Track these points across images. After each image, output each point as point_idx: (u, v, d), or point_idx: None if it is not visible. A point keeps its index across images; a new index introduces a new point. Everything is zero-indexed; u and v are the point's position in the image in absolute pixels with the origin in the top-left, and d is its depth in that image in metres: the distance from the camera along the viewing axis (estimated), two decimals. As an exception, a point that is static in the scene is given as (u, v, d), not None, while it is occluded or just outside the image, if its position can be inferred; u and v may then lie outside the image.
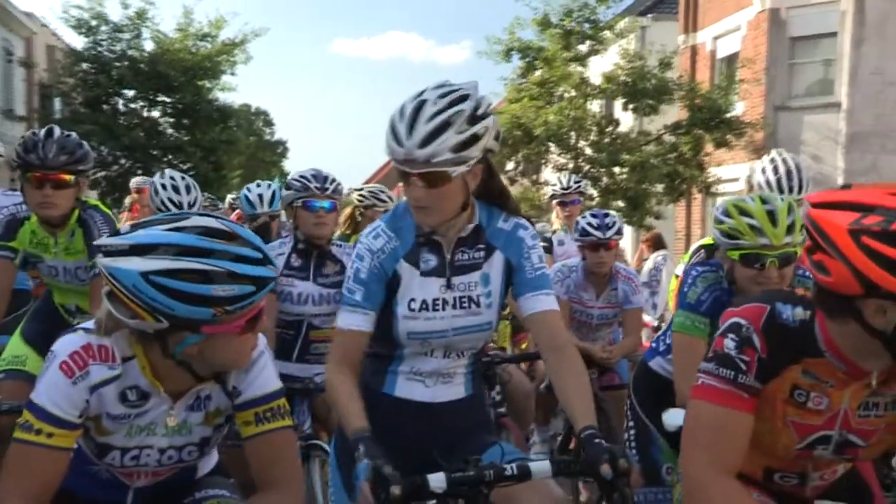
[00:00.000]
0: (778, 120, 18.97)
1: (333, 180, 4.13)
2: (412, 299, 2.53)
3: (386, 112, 2.45)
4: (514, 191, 21.26)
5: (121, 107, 24.56)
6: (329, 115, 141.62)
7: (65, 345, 2.04)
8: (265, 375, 2.19)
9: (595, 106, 21.67)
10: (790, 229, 2.99)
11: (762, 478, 2.30)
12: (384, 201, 6.30)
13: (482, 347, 2.78)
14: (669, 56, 20.15)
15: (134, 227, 1.98)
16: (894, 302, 1.77)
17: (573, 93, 20.22)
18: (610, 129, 20.73)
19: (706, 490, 1.99)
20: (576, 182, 6.97)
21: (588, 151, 20.47)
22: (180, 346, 1.98)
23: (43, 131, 3.64)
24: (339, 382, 2.44)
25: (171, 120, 25.10)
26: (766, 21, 19.15)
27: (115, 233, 3.79)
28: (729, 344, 2.02)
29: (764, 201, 3.06)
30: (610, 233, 5.00)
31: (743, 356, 2.00)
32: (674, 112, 20.49)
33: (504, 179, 11.80)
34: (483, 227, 2.59)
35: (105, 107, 23.68)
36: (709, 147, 19.78)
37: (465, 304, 2.56)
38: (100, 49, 23.71)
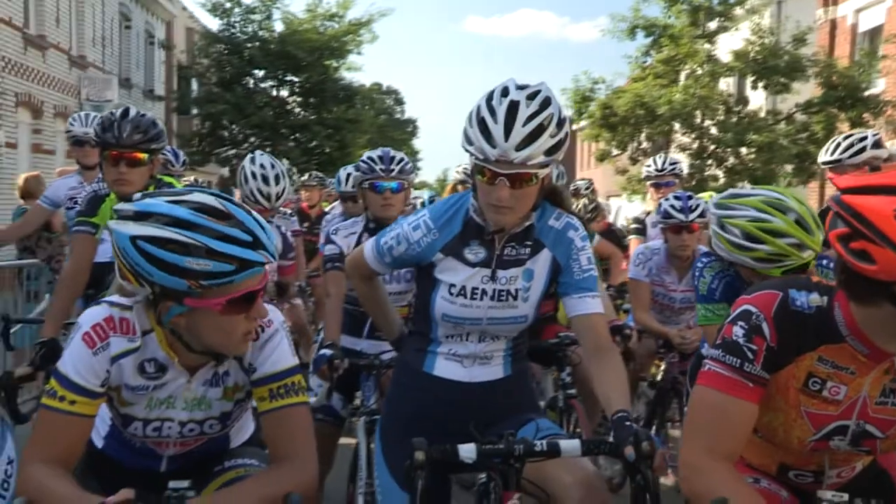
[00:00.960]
0: (923, 98, 17.76)
1: (401, 160, 4.14)
2: (453, 285, 2.60)
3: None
4: (635, 171, 20.87)
5: (251, 86, 25.51)
6: (459, 93, 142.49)
7: (89, 317, 2.13)
8: (279, 352, 2.23)
9: (726, 84, 20.93)
10: (819, 226, 2.89)
11: (776, 473, 2.22)
12: None
13: (522, 333, 2.78)
14: (804, 31, 19.18)
15: (144, 196, 2.07)
16: None
17: (700, 70, 19.58)
18: (738, 108, 19.97)
19: (701, 476, 1.94)
20: (671, 164, 6.75)
21: (713, 131, 19.80)
22: (167, 316, 2.05)
23: (119, 111, 3.79)
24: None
25: (299, 99, 25.90)
26: (913, -9, 17.93)
27: None
28: (738, 331, 1.95)
29: (783, 210, 2.90)
30: (693, 216, 4.84)
31: (751, 344, 1.93)
32: (810, 90, 19.52)
33: (626, 159, 11.72)
34: (534, 224, 2.62)
35: (237, 87, 24.63)
36: (844, 126, 18.73)
37: (504, 297, 2.60)
38: (233, 31, 24.74)
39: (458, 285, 2.59)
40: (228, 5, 24.45)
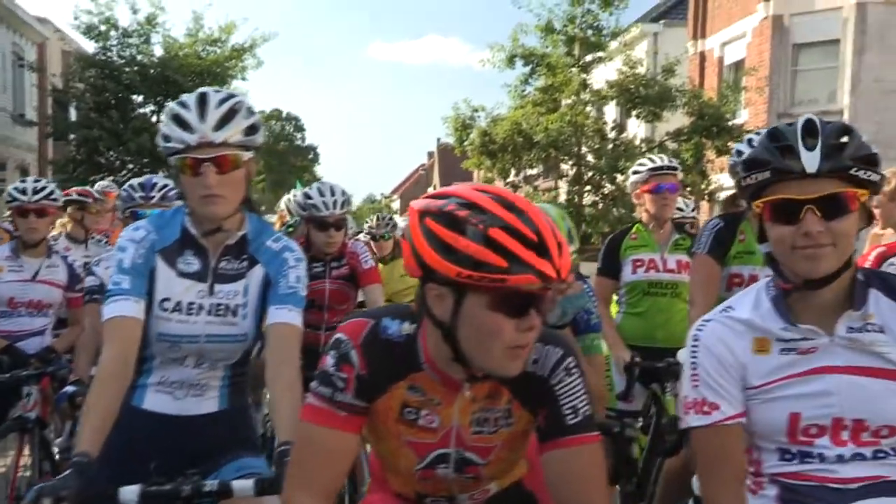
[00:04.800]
0: (780, 127, 18.60)
1: (164, 187, 4.06)
2: (166, 299, 2.52)
3: (421, 117, 2.49)
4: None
5: (129, 111, 24.74)
6: (361, 120, 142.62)
7: None
8: None
9: (607, 113, 21.43)
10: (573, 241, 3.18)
11: (415, 500, 2.20)
12: None
13: (241, 360, 2.70)
14: (673, 63, 19.86)
15: None
16: (449, 289, 1.74)
17: (576, 99, 20.02)
18: (612, 135, 20.49)
19: None
20: None
21: (590, 158, 20.25)
22: None
23: None
24: (99, 388, 2.35)
25: (180, 125, 25.22)
26: (769, 28, 18.86)
27: None
28: (329, 361, 1.95)
29: None
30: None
31: (341, 373, 1.93)
32: (682, 119, 20.21)
33: (508, 186, 12.27)
34: (249, 239, 2.61)
35: (114, 112, 23.83)
36: (711, 154, 19.45)
37: (222, 313, 2.56)
38: (109, 54, 23.91)
39: (172, 300, 2.52)
40: (104, 28, 23.65)
